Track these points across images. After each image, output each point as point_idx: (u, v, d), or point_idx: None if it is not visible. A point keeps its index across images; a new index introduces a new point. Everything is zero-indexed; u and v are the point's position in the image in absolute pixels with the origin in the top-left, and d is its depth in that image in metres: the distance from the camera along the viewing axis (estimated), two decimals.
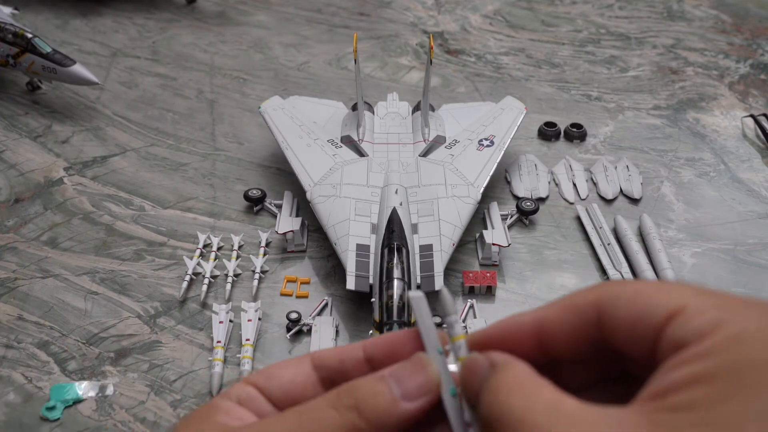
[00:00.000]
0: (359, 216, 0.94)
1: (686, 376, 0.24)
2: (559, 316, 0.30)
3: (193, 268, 0.93)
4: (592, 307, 0.29)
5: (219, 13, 1.63)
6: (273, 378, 0.34)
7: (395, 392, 0.31)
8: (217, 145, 1.21)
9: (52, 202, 1.07)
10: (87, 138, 1.22)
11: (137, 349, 0.85)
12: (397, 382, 0.31)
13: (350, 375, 0.34)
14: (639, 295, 0.28)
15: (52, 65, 1.20)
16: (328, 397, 0.31)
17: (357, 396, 0.30)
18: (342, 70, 1.43)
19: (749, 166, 1.17)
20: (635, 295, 0.28)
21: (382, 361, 0.34)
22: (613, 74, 1.43)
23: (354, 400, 0.30)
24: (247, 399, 0.33)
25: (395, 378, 0.31)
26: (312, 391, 0.34)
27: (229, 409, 0.33)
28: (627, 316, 0.28)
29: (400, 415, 0.31)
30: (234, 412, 0.33)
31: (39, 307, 0.90)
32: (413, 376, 0.31)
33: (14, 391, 0.79)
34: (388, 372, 0.32)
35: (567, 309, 0.30)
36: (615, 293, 0.29)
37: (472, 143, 1.07)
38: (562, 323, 0.30)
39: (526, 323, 0.31)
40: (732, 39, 1.55)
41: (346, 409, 0.30)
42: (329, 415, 0.30)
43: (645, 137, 1.24)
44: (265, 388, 0.34)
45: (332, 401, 0.31)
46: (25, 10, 1.56)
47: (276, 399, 0.34)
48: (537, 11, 1.66)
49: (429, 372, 0.32)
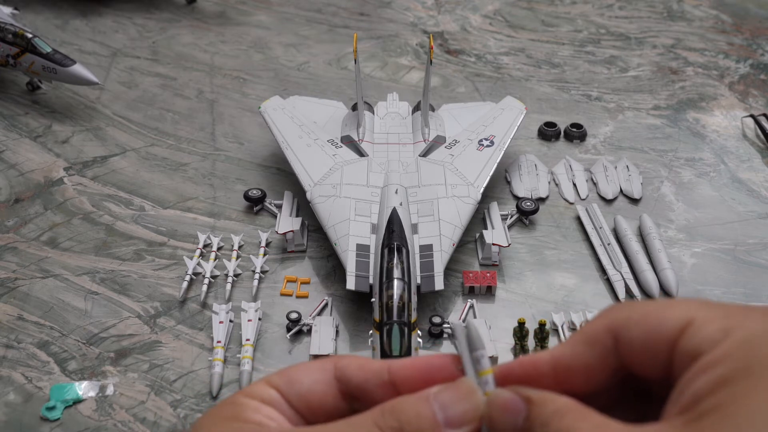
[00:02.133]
0: (359, 216, 0.94)
1: (707, 383, 0.25)
2: (575, 350, 0.30)
3: (193, 268, 0.93)
4: (606, 334, 0.30)
5: (219, 13, 1.63)
6: (294, 383, 0.33)
7: (439, 417, 0.30)
8: (217, 145, 1.21)
9: (52, 202, 1.07)
10: (87, 138, 1.22)
11: (137, 349, 0.85)
12: (441, 407, 0.30)
13: (372, 395, 0.33)
14: (648, 314, 0.29)
15: (52, 65, 1.20)
16: (372, 415, 0.31)
17: (401, 418, 0.30)
18: (342, 70, 1.43)
19: (749, 166, 1.17)
20: (645, 314, 0.29)
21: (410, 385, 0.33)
22: (613, 74, 1.43)
23: (398, 422, 0.30)
24: (271, 400, 0.33)
25: (440, 402, 0.31)
26: (332, 403, 0.33)
27: (258, 408, 0.32)
28: (640, 335, 0.29)
29: None
30: (263, 410, 0.32)
31: (39, 307, 0.90)
32: (459, 403, 0.31)
33: (14, 391, 0.79)
34: (433, 394, 0.31)
35: (581, 342, 0.30)
36: (625, 316, 0.29)
37: (472, 143, 1.07)
38: (579, 356, 0.30)
39: (542, 361, 0.31)
40: (732, 39, 1.55)
41: (389, 429, 0.30)
42: None
43: (645, 137, 1.24)
44: (285, 392, 0.33)
45: (376, 420, 0.30)
46: (26, 10, 1.56)
47: (295, 404, 0.33)
48: (537, 11, 1.66)
49: (475, 400, 0.31)
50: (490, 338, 0.82)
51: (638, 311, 0.29)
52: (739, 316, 0.26)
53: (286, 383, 0.33)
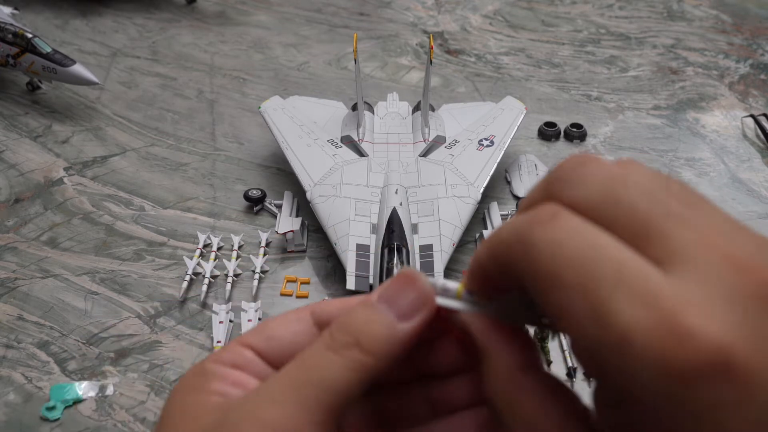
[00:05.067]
0: (359, 216, 0.94)
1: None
2: (491, 266, 0.27)
3: (193, 268, 0.93)
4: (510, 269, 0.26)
5: (219, 13, 1.63)
6: (273, 339, 0.31)
7: (389, 316, 0.28)
8: (217, 145, 1.21)
9: (52, 202, 1.07)
10: (87, 138, 1.22)
11: (137, 349, 0.85)
12: (388, 304, 0.28)
13: None
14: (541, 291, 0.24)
15: (52, 65, 1.20)
16: (322, 341, 0.28)
17: (351, 331, 0.28)
18: (342, 70, 1.43)
19: (749, 166, 1.17)
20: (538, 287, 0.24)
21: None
22: (613, 74, 1.43)
23: (350, 337, 0.28)
24: (244, 364, 0.30)
25: (385, 300, 0.29)
26: None
27: (225, 375, 0.30)
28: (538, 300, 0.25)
29: (402, 338, 0.28)
30: (231, 377, 0.30)
31: (39, 307, 0.90)
32: (403, 293, 0.29)
33: (14, 391, 0.79)
34: (376, 296, 0.29)
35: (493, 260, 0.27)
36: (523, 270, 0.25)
37: (472, 143, 1.07)
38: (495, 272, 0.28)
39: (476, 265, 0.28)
40: (732, 39, 1.55)
41: (344, 348, 0.28)
42: (330, 360, 0.27)
43: (645, 137, 1.24)
44: (263, 350, 0.31)
45: (328, 344, 0.28)
46: (25, 10, 1.56)
47: (276, 362, 0.31)
48: (537, 11, 1.66)
49: (419, 284, 0.29)
50: None
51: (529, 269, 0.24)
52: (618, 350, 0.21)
53: (264, 341, 0.31)
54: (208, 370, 0.30)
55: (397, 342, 0.28)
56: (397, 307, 0.28)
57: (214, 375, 0.30)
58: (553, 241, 0.23)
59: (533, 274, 0.24)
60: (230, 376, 0.30)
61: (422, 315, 0.29)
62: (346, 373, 0.27)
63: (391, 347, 0.28)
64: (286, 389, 0.27)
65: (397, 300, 0.29)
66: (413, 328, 0.28)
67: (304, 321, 0.31)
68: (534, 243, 0.24)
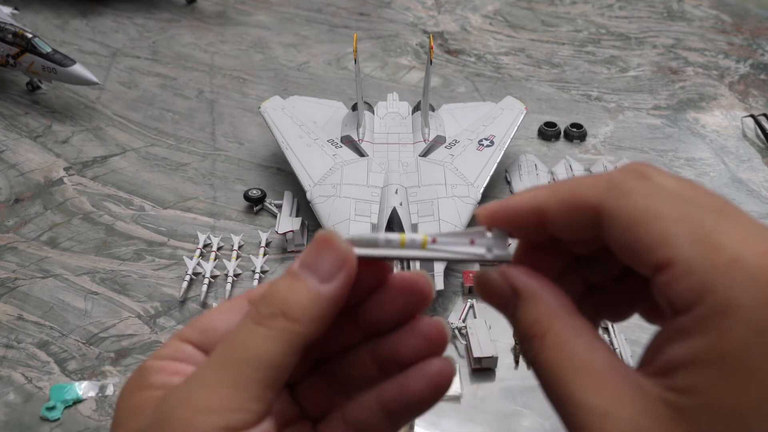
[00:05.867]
0: (359, 216, 0.94)
1: (682, 355, 0.23)
2: (560, 209, 0.28)
3: (193, 268, 0.93)
4: (591, 211, 0.27)
5: (219, 13, 1.63)
6: (209, 332, 0.31)
7: (311, 280, 0.28)
8: (217, 145, 1.21)
9: (52, 202, 1.07)
10: (87, 138, 1.22)
11: (137, 349, 0.85)
12: (308, 270, 0.28)
13: None
14: (636, 223, 0.25)
15: (52, 65, 1.20)
16: (248, 317, 0.28)
17: (275, 301, 0.28)
18: (342, 70, 1.43)
19: (749, 166, 1.17)
20: (633, 221, 0.25)
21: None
22: (613, 74, 1.43)
23: (275, 307, 0.28)
24: (183, 357, 0.30)
25: (305, 266, 0.29)
26: None
27: (164, 367, 0.30)
28: (622, 240, 0.26)
29: (327, 299, 0.28)
30: (170, 368, 0.30)
31: (39, 307, 0.90)
32: (322, 256, 0.29)
33: (14, 391, 0.79)
34: (297, 264, 0.29)
35: (567, 204, 0.28)
36: (613, 211, 0.26)
37: (472, 143, 1.07)
38: (562, 215, 0.28)
39: (528, 210, 0.28)
40: (732, 39, 1.55)
41: (271, 318, 0.27)
42: (259, 333, 0.27)
43: (645, 137, 1.24)
44: (200, 342, 0.31)
45: (253, 317, 0.28)
46: (25, 9, 1.56)
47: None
48: (537, 11, 1.66)
49: (336, 244, 0.29)
50: (490, 338, 0.82)
51: (629, 211, 0.25)
52: (727, 270, 0.22)
53: (200, 333, 0.31)
54: (147, 366, 0.30)
55: (323, 304, 0.28)
56: (317, 271, 0.28)
57: (155, 369, 0.30)
58: (653, 183, 0.26)
59: (627, 212, 0.25)
60: (169, 367, 0.30)
61: (344, 274, 0.29)
62: (275, 345, 0.27)
63: (318, 311, 0.28)
64: (217, 371, 0.27)
65: (316, 264, 0.29)
66: (336, 288, 0.28)
67: (239, 309, 0.31)
68: (630, 187, 0.26)
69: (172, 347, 0.31)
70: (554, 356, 0.26)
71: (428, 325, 0.31)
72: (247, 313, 0.28)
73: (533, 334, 0.27)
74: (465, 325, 0.85)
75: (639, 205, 0.25)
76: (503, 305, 0.29)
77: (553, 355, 0.26)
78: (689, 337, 0.23)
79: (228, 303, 0.32)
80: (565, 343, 0.26)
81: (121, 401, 0.30)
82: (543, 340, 0.27)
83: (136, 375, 0.31)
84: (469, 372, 0.81)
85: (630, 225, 0.25)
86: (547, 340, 0.27)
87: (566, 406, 0.25)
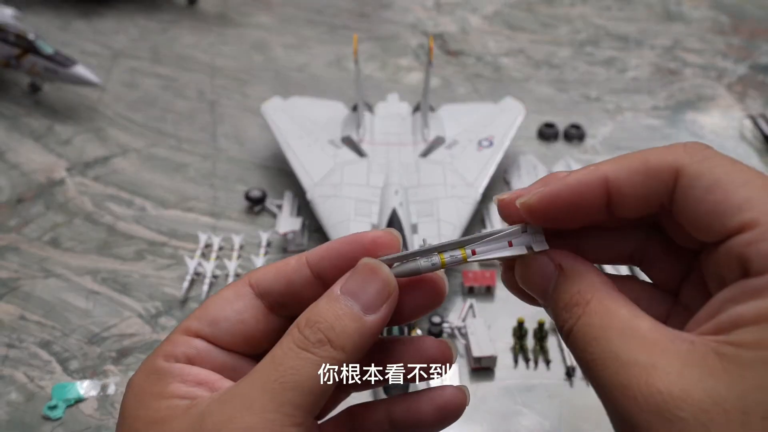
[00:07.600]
0: (359, 216, 0.94)
1: (749, 313, 0.23)
2: (632, 177, 0.28)
3: (194, 268, 0.94)
4: (670, 172, 0.27)
5: (220, 14, 1.64)
6: (219, 323, 0.31)
7: (356, 309, 0.29)
8: (217, 145, 1.21)
9: (54, 202, 1.08)
10: (88, 138, 1.22)
11: (139, 349, 0.85)
12: (353, 298, 0.29)
13: (301, 296, 0.31)
14: (720, 184, 0.26)
15: (54, 66, 1.21)
16: (294, 340, 0.28)
17: (321, 327, 0.28)
18: (342, 71, 1.43)
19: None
20: (715, 182, 0.26)
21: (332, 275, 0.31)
22: (612, 75, 1.43)
23: (321, 333, 0.28)
24: (197, 356, 0.30)
25: (349, 294, 0.29)
26: (264, 323, 0.31)
27: (183, 374, 0.29)
28: (699, 205, 0.26)
29: (371, 329, 0.28)
30: (190, 377, 0.29)
31: (41, 306, 0.90)
32: (367, 286, 0.29)
33: (16, 391, 0.80)
34: (340, 289, 0.29)
35: (641, 171, 0.28)
36: (695, 173, 0.27)
37: (471, 144, 1.08)
38: (635, 183, 0.28)
39: (594, 183, 0.28)
40: (730, 40, 1.56)
41: (317, 345, 0.28)
42: (305, 359, 0.28)
43: (644, 138, 1.24)
44: (211, 336, 0.30)
45: (300, 342, 0.28)
46: (27, 11, 1.56)
47: (225, 343, 0.31)
48: (536, 13, 1.67)
49: (382, 275, 0.29)
50: (489, 338, 0.83)
51: (709, 176, 0.26)
52: None
53: (210, 325, 0.30)
54: (162, 369, 0.30)
55: (366, 334, 0.29)
56: (362, 300, 0.29)
57: (172, 375, 0.29)
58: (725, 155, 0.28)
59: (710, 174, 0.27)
60: (189, 374, 0.29)
61: (388, 306, 0.29)
62: (319, 371, 0.28)
63: (361, 340, 0.28)
64: (263, 394, 0.27)
65: (361, 292, 0.29)
66: (381, 319, 0.29)
67: (245, 296, 0.31)
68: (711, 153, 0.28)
69: (184, 344, 0.30)
70: (598, 319, 0.26)
71: (443, 395, 0.32)
72: (292, 334, 0.29)
73: (576, 302, 0.27)
74: (464, 325, 0.86)
75: (723, 168, 0.27)
76: (543, 287, 0.30)
77: (598, 318, 0.26)
78: (760, 296, 0.23)
79: (231, 290, 0.32)
80: (608, 307, 0.27)
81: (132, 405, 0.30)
82: (587, 306, 0.27)
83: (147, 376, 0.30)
84: (469, 371, 0.82)
85: (713, 186, 0.26)
86: (591, 305, 0.27)
87: (610, 366, 0.25)
